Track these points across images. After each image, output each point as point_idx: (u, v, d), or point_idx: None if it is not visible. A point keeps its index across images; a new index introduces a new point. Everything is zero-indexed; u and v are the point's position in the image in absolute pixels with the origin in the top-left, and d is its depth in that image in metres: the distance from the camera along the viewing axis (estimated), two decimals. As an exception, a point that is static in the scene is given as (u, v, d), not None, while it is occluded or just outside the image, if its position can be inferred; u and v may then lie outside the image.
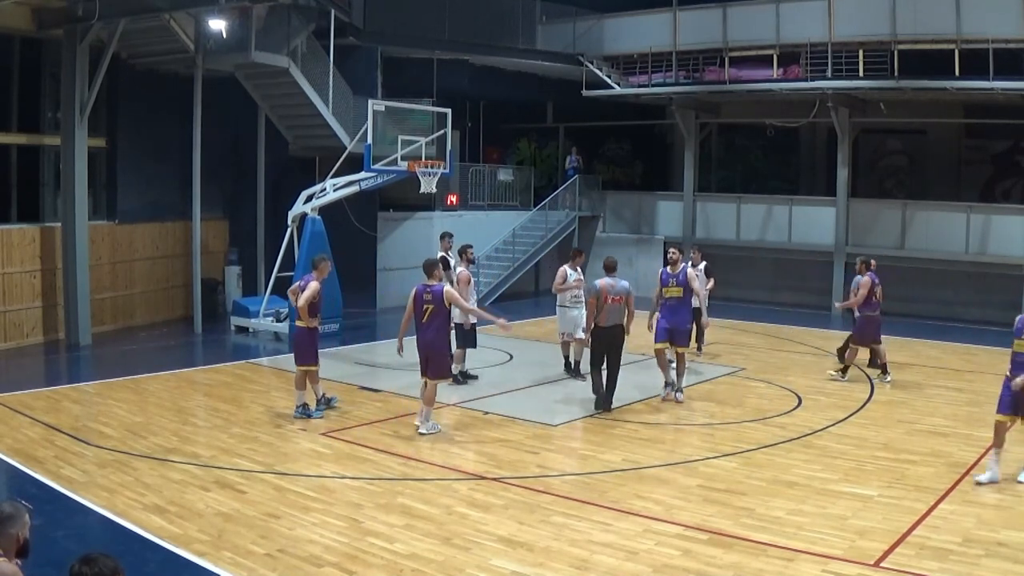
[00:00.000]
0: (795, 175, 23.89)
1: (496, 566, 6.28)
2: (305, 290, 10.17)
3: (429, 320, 9.60)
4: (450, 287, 10.11)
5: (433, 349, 9.63)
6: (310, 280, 10.34)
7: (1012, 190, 20.78)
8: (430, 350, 9.63)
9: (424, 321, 9.63)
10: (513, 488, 7.95)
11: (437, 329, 9.63)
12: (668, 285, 11.43)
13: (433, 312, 9.57)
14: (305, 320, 10.24)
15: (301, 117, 17.74)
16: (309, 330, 10.29)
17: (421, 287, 9.66)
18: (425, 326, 9.64)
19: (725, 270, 20.89)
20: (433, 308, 9.57)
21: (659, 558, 6.42)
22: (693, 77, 20.67)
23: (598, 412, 10.63)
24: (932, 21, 17.35)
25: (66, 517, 7.07)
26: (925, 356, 14.65)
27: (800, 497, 7.69)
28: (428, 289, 9.61)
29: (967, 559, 6.36)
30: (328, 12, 16.74)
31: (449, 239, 13.17)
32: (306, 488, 7.88)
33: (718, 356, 14.48)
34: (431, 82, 19.92)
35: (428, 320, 9.60)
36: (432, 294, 9.58)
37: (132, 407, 10.69)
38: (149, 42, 15.95)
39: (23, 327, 14.74)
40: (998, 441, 8.15)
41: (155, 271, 17.39)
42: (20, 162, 15.15)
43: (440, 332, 9.68)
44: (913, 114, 20.04)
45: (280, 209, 16.68)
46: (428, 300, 9.59)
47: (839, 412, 10.77)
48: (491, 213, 21.83)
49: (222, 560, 6.29)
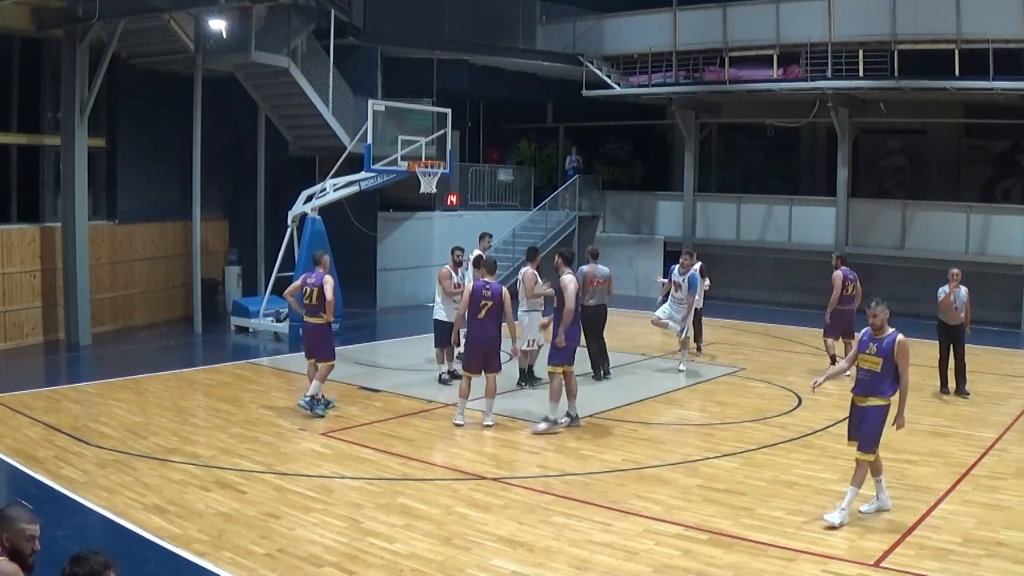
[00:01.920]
0: (795, 175, 23.88)
1: (496, 566, 6.28)
2: (324, 286, 10.28)
3: (487, 316, 9.78)
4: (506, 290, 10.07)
5: (494, 345, 9.88)
6: (321, 276, 10.42)
7: (1012, 190, 20.78)
8: (490, 346, 9.84)
9: (481, 317, 9.79)
10: (513, 488, 7.96)
11: (496, 326, 9.85)
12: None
13: (491, 309, 9.76)
14: (329, 315, 10.37)
15: (301, 117, 17.74)
16: (328, 325, 10.46)
17: (479, 283, 9.90)
18: (482, 322, 9.80)
19: (725, 270, 20.92)
20: (491, 305, 9.75)
21: (659, 558, 6.42)
22: (693, 77, 20.67)
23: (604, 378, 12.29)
24: (932, 21, 17.35)
25: (66, 517, 7.07)
26: (925, 356, 14.58)
27: (800, 497, 7.69)
28: (487, 286, 9.82)
29: (967, 559, 6.36)
30: (328, 12, 16.75)
31: (488, 239, 13.04)
32: (306, 488, 7.88)
33: (718, 356, 14.49)
34: (431, 82, 19.92)
35: (486, 316, 9.78)
36: (491, 291, 9.78)
37: (132, 407, 10.68)
38: (149, 42, 15.94)
39: (23, 327, 14.74)
40: (875, 470, 7.29)
41: (155, 271, 17.39)
42: (20, 162, 15.15)
43: (499, 329, 9.91)
44: (913, 114, 20.02)
45: (280, 209, 16.68)
46: (487, 297, 9.76)
47: (839, 412, 10.70)
48: (491, 213, 21.81)
49: (222, 560, 6.29)
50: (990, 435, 9.78)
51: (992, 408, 11.13)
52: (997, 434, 9.83)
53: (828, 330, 12.96)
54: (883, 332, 7.21)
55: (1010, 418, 10.54)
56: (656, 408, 11.14)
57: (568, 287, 9.79)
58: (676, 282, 13.18)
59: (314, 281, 10.43)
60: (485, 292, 9.81)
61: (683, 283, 13.02)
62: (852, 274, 13.02)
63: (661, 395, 11.78)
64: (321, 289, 10.31)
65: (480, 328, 9.84)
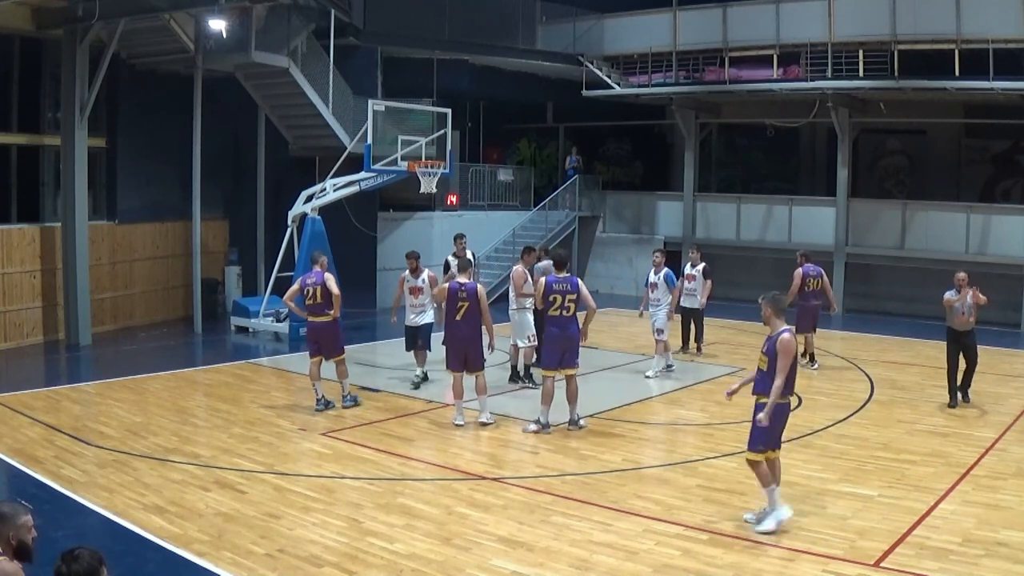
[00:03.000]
0: (795, 175, 23.87)
1: (496, 566, 6.28)
2: (327, 283, 10.45)
3: (464, 317, 9.82)
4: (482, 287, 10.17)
5: (473, 344, 9.90)
6: (321, 274, 10.57)
7: (1012, 190, 20.77)
8: (469, 345, 9.88)
9: (458, 319, 9.84)
10: (513, 488, 7.96)
11: (473, 325, 9.87)
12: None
13: (467, 309, 9.80)
14: (336, 310, 10.52)
15: (301, 117, 17.73)
16: (336, 321, 10.63)
17: (455, 284, 9.93)
18: (459, 323, 9.85)
19: (725, 270, 20.90)
20: (467, 305, 9.80)
21: (659, 558, 6.42)
22: (693, 77, 20.67)
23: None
24: (932, 21, 17.35)
25: (66, 517, 7.07)
26: (925, 356, 14.64)
27: (800, 497, 7.69)
28: (463, 287, 9.84)
29: (967, 559, 6.36)
30: (328, 12, 16.74)
31: (463, 240, 13.03)
32: (306, 488, 7.88)
33: (718, 356, 14.48)
34: (431, 82, 19.92)
35: (463, 317, 9.83)
36: (467, 291, 9.81)
37: (132, 407, 10.69)
38: (149, 42, 15.94)
39: (23, 327, 14.74)
40: (763, 477, 6.98)
41: (155, 271, 17.39)
42: (20, 162, 15.16)
43: (477, 328, 9.92)
44: (913, 114, 20.02)
45: (280, 209, 16.68)
46: (462, 298, 9.80)
47: (839, 412, 10.76)
48: (491, 213, 21.83)
49: (222, 560, 6.29)
50: (990, 435, 9.78)
51: (992, 408, 11.12)
52: (997, 434, 9.82)
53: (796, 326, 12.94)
54: (773, 329, 7.07)
55: (1010, 418, 10.54)
56: (656, 408, 11.14)
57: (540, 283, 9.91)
58: (653, 283, 12.93)
59: (314, 281, 10.52)
60: (460, 293, 9.81)
61: (659, 282, 12.87)
62: (816, 270, 13.41)
63: (661, 395, 11.77)
64: (324, 287, 10.44)
65: (457, 328, 9.88)
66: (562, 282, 9.58)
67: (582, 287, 9.69)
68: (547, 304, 9.55)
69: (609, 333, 16.30)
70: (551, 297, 9.49)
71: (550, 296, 9.50)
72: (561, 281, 9.60)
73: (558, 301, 9.49)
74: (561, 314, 9.53)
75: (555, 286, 9.53)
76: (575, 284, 9.62)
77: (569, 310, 9.54)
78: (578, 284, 9.66)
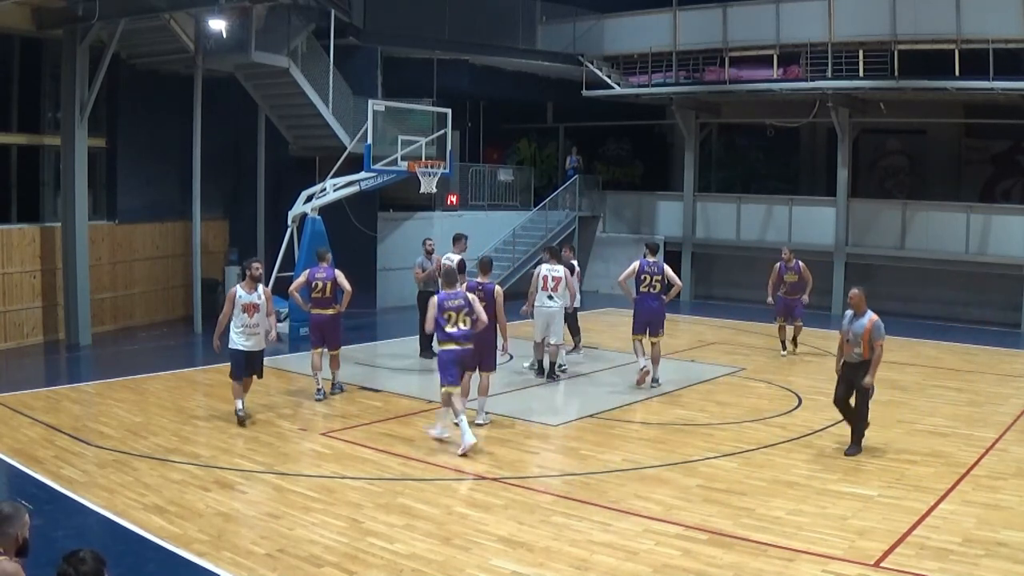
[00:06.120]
0: (795, 175, 23.87)
1: (496, 566, 6.28)
2: (339, 279, 11.01)
3: None
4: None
5: (487, 344, 9.94)
6: (331, 270, 11.09)
7: (1012, 190, 20.77)
8: (484, 345, 9.89)
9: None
10: (513, 488, 7.96)
11: (488, 326, 9.84)
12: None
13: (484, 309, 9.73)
14: (345, 305, 11.12)
15: (301, 117, 17.73)
16: (340, 315, 11.25)
17: (472, 284, 10.10)
18: None
19: (725, 270, 20.93)
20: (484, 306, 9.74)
21: (659, 558, 6.42)
22: (693, 77, 20.67)
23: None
24: (932, 21, 17.35)
25: (66, 517, 7.07)
26: (925, 356, 14.65)
27: (800, 497, 7.69)
28: (481, 286, 10.07)
29: (967, 559, 6.36)
30: (328, 12, 16.75)
31: (464, 241, 13.16)
32: (306, 488, 7.88)
33: (718, 356, 14.48)
34: (431, 82, 19.91)
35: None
36: (484, 291, 10.00)
37: (132, 407, 10.69)
38: (149, 42, 15.94)
39: (23, 327, 14.74)
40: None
41: (155, 271, 17.39)
42: (20, 162, 15.15)
43: (491, 328, 9.97)
44: (913, 114, 20.03)
45: (280, 209, 16.68)
46: (480, 297, 9.81)
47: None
48: (491, 213, 21.82)
49: (222, 560, 6.29)
50: (990, 435, 9.78)
51: (992, 408, 11.13)
52: (997, 434, 9.83)
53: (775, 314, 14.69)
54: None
55: (1010, 418, 10.54)
56: (656, 408, 11.13)
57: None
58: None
59: (325, 276, 11.09)
60: (478, 293, 9.86)
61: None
62: (790, 266, 14.52)
63: (661, 395, 11.77)
64: (335, 282, 11.07)
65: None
66: (652, 265, 11.70)
67: (667, 269, 11.84)
68: (638, 282, 11.63)
69: (609, 333, 16.29)
70: (642, 276, 11.60)
71: (642, 275, 11.61)
72: (651, 264, 11.71)
73: (647, 280, 11.60)
74: (649, 291, 11.64)
75: (646, 268, 11.65)
76: (661, 267, 11.76)
77: (656, 288, 11.64)
78: (663, 267, 11.80)
